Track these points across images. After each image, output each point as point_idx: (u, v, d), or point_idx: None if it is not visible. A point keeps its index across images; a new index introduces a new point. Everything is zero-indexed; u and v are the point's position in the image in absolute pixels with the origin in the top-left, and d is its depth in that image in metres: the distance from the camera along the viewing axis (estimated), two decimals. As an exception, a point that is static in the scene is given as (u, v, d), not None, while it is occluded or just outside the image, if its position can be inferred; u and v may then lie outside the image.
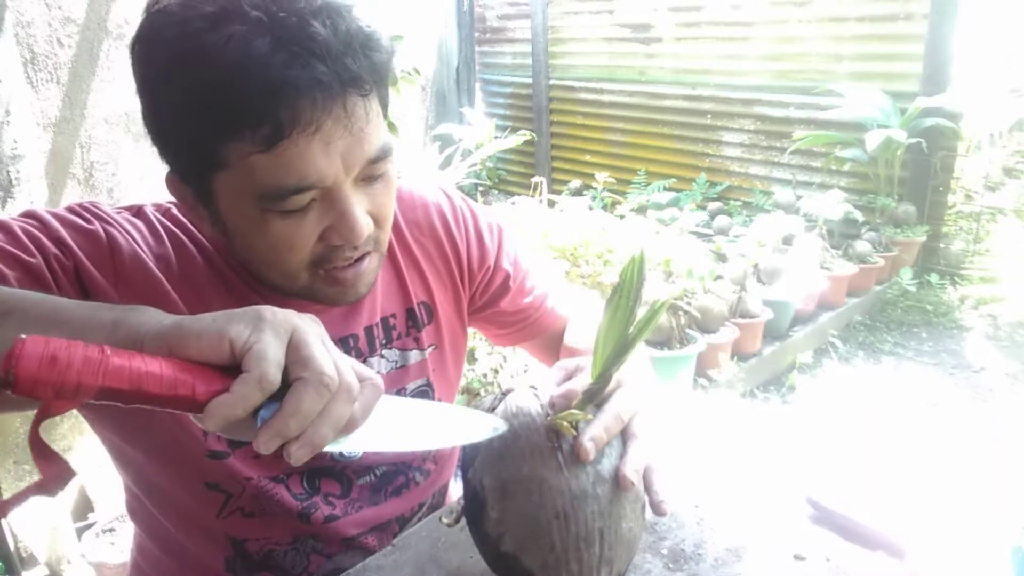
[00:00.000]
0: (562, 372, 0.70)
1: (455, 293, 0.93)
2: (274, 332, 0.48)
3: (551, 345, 1.01)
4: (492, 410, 0.66)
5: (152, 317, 0.50)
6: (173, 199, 0.78)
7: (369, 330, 0.85)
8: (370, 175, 0.68)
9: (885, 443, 2.69)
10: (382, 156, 0.68)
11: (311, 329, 0.51)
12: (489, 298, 0.96)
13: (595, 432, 0.61)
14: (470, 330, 1.00)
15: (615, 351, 0.61)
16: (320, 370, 0.47)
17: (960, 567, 0.71)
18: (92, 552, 1.91)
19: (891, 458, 0.91)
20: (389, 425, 0.56)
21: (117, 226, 0.73)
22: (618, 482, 0.61)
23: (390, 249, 0.86)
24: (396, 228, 0.87)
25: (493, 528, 0.63)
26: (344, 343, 0.83)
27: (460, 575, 0.74)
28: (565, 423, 0.61)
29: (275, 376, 0.46)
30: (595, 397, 0.64)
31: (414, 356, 0.89)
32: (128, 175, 2.81)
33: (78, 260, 0.68)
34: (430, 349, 0.91)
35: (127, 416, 0.74)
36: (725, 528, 0.79)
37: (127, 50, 0.67)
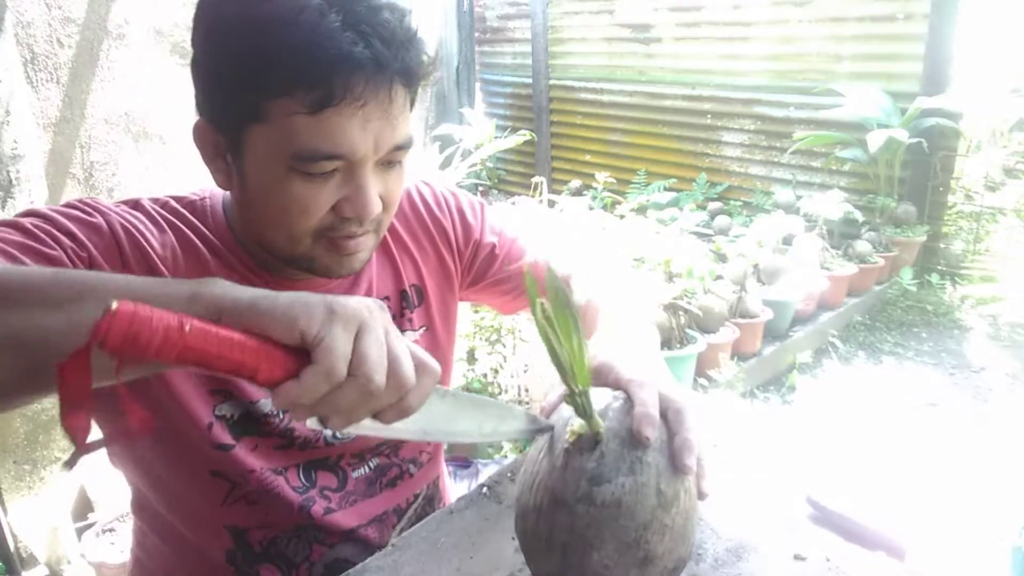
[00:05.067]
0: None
1: (445, 275, 0.98)
2: (344, 326, 0.50)
3: None
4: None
5: (227, 290, 0.52)
6: (170, 194, 0.82)
7: None
8: (390, 160, 0.74)
9: (885, 443, 2.69)
10: (406, 145, 0.74)
11: (377, 324, 0.52)
12: (479, 270, 1.01)
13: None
14: (471, 329, 1.01)
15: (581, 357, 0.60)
16: (368, 376, 0.49)
17: (960, 567, 0.71)
18: (92, 552, 1.91)
19: (891, 458, 0.91)
20: (436, 416, 0.59)
21: (117, 217, 0.75)
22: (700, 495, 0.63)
23: (383, 237, 0.90)
24: None
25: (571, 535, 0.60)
26: None
27: (460, 575, 0.75)
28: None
29: (341, 370, 0.49)
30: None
31: (407, 337, 0.93)
32: (128, 175, 2.81)
33: (91, 252, 0.71)
34: (421, 330, 0.95)
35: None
36: (725, 528, 0.79)
37: (127, 49, 0.69)
